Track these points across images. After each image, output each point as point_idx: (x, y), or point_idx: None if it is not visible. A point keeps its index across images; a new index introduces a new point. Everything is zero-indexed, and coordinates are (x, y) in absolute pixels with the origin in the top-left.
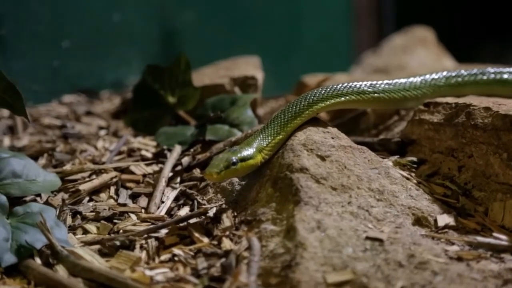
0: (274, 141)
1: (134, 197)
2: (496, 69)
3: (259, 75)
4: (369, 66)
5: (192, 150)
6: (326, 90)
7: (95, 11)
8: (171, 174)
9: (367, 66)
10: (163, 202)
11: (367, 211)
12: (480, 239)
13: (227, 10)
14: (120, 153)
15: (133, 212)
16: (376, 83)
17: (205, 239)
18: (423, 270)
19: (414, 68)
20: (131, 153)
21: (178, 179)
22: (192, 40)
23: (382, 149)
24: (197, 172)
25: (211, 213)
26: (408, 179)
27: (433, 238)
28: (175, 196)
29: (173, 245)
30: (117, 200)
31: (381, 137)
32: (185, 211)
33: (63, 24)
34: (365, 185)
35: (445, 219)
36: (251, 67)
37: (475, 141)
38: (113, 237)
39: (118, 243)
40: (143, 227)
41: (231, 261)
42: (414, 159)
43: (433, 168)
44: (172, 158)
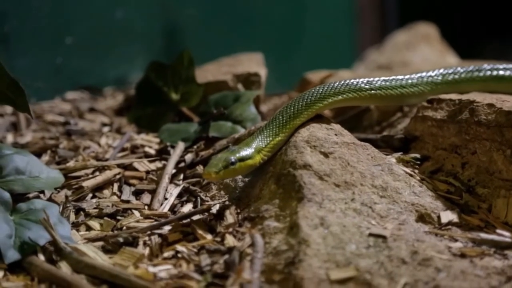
0: (273, 142)
1: (137, 193)
2: (492, 66)
3: (262, 72)
4: (373, 62)
5: (195, 147)
6: (323, 89)
7: (98, 8)
8: (174, 170)
9: (370, 62)
10: (166, 199)
11: (370, 207)
12: (483, 235)
13: (230, 6)
14: (123, 149)
15: (136, 208)
16: (373, 80)
17: (208, 236)
18: (426, 266)
19: (417, 64)
20: (134, 150)
21: (181, 176)
22: (195, 36)
23: (385, 145)
24: (200, 169)
25: (214, 210)
26: (411, 175)
27: (436, 234)
28: (178, 192)
29: (176, 241)
30: (120, 196)
31: (385, 133)
32: (188, 207)
33: (66, 21)
34: (368, 182)
35: (448, 216)
36: (254, 63)
37: (479, 138)
38: (116, 233)
39: (121, 240)
40: (146, 224)
41: (234, 258)
42: (417, 155)
43: (436, 164)
44: (175, 155)
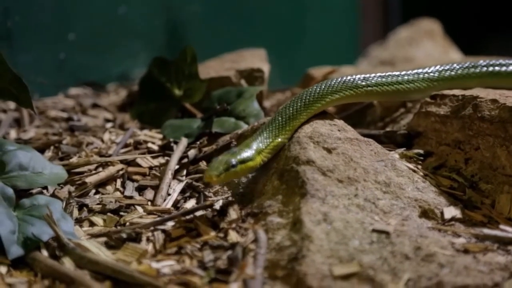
0: (273, 143)
1: (140, 189)
2: (488, 62)
3: (265, 68)
4: (375, 58)
5: (198, 142)
6: (321, 88)
7: (101, 4)
8: (177, 166)
9: (373, 58)
10: (169, 194)
11: (374, 203)
12: (486, 231)
13: (233, 2)
14: (126, 145)
15: (139, 204)
16: (369, 76)
17: (211, 231)
18: (429, 262)
19: (420, 60)
20: (137, 145)
21: (184, 172)
22: (198, 32)
23: (388, 141)
24: (203, 164)
25: (218, 206)
26: (414, 171)
27: (439, 230)
28: (182, 188)
29: (180, 237)
30: (123, 192)
31: (388, 129)
32: (191, 203)
33: (69, 17)
34: (371, 178)
35: (451, 212)
36: (257, 59)
37: (482, 133)
38: (119, 229)
39: (124, 236)
40: (149, 220)
41: (237, 254)
42: (420, 151)
43: (439, 160)
44: (178, 150)
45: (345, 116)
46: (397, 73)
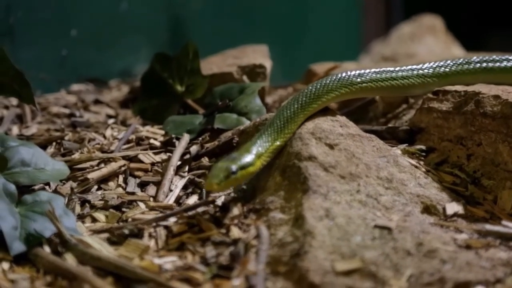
0: (272, 147)
1: (142, 185)
2: (481, 58)
3: (268, 64)
4: (378, 54)
5: (200, 138)
6: (316, 88)
7: (103, 0)
8: (179, 162)
9: (375, 54)
10: (171, 190)
11: (376, 199)
12: (489, 227)
13: None
14: (128, 141)
15: (141, 200)
16: (364, 72)
17: (213, 227)
18: (431, 258)
19: (422, 56)
20: (139, 141)
21: (186, 168)
22: (200, 28)
23: (390, 137)
24: (205, 160)
25: (220, 202)
26: (416, 167)
27: (441, 226)
28: (184, 184)
29: (182, 233)
30: (125, 188)
31: (390, 125)
32: (193, 199)
33: (71, 13)
34: (373, 174)
35: (453, 208)
36: (259, 55)
37: (484, 129)
38: (121, 225)
39: (126, 232)
40: (151, 216)
41: (239, 250)
42: (422, 147)
43: (442, 156)
44: (180, 146)
45: (347, 112)
46: (391, 69)
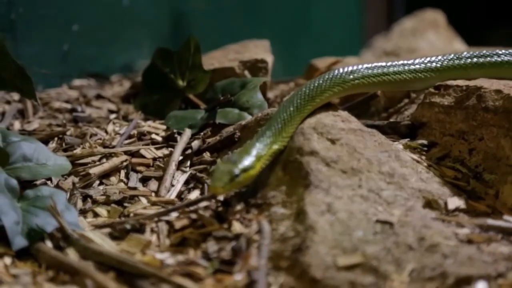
0: (271, 150)
1: (144, 180)
2: (472, 53)
3: (269, 59)
4: (380, 49)
5: (202, 133)
6: (310, 89)
7: None
8: (181, 157)
9: (377, 49)
10: (173, 185)
11: (377, 194)
12: (490, 221)
13: None
14: (130, 136)
15: (143, 195)
16: (356, 69)
17: (215, 222)
18: (433, 253)
19: (424, 51)
20: (141, 136)
21: (188, 163)
22: (201, 23)
23: (392, 132)
24: (207, 155)
25: (221, 197)
26: (418, 162)
27: (443, 221)
28: (185, 179)
29: (184, 228)
30: (127, 183)
31: (392, 120)
32: (195, 194)
33: (73, 8)
34: (375, 168)
35: (455, 202)
36: (261, 50)
37: (486, 124)
38: (123, 220)
39: (128, 227)
40: (153, 211)
41: (241, 245)
42: (424, 142)
43: (443, 151)
44: (182, 141)
45: (348, 106)
46: (383, 64)
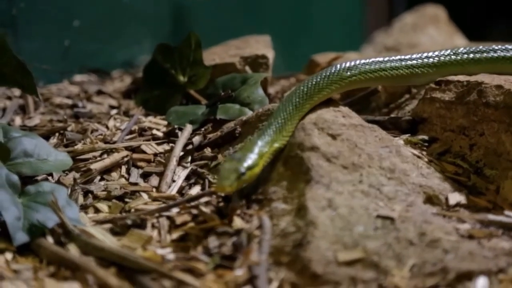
0: (272, 148)
1: (145, 176)
2: (468, 49)
3: (270, 54)
4: (380, 44)
5: (203, 129)
6: (308, 87)
7: None
8: (182, 153)
9: (378, 44)
10: (174, 181)
11: (378, 189)
12: (491, 217)
13: None
14: (131, 132)
15: (144, 191)
16: (354, 65)
17: (216, 218)
18: (434, 248)
19: (425, 46)
20: (142, 132)
21: (189, 158)
22: (202, 19)
23: (393, 127)
24: (208, 151)
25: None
26: (419, 157)
27: (444, 216)
28: (186, 175)
29: (184, 224)
30: (128, 179)
31: (392, 115)
32: (196, 190)
33: (74, 3)
34: (376, 164)
35: (456, 198)
36: (262, 46)
37: (487, 119)
38: (124, 216)
39: (129, 222)
40: (154, 206)
41: (242, 240)
42: (425, 137)
43: (444, 146)
44: (183, 137)
45: (349, 102)
46: (380, 59)
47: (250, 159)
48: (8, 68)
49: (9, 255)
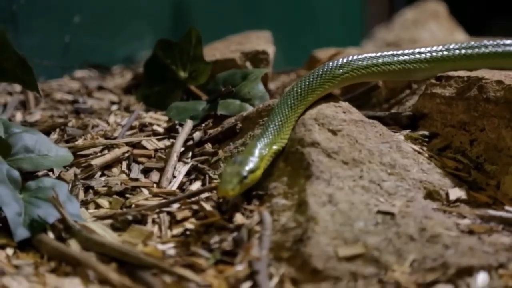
0: (271, 150)
1: (146, 172)
2: (459, 45)
3: (271, 50)
4: (381, 40)
5: (203, 125)
6: (301, 88)
7: None
8: (182, 149)
9: (378, 40)
10: (174, 176)
11: (379, 185)
12: (491, 212)
13: None
14: (131, 128)
15: (145, 186)
16: (345, 62)
17: (217, 213)
18: (434, 243)
19: (426, 41)
20: (142, 128)
21: (189, 154)
22: (203, 14)
23: (393, 123)
24: (208, 146)
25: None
26: (419, 153)
27: (444, 211)
28: (187, 170)
29: (185, 219)
30: (129, 175)
31: (393, 111)
32: (196, 185)
33: None
34: (376, 159)
35: (456, 193)
36: (262, 41)
37: (487, 115)
38: (125, 211)
39: (130, 218)
40: (155, 202)
41: (242, 235)
42: (425, 133)
43: (444, 142)
44: (183, 133)
45: (350, 97)
46: (372, 55)
47: (251, 162)
48: (8, 63)
49: (10, 251)
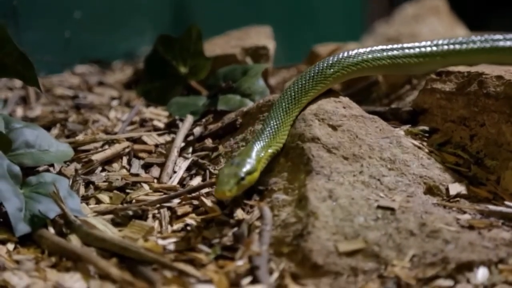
0: (267, 153)
1: (146, 167)
2: (449, 40)
3: (271, 45)
4: (381, 35)
5: (204, 120)
6: (295, 91)
7: None
8: (183, 144)
9: (379, 35)
10: (175, 172)
11: (379, 180)
12: (491, 207)
13: None
14: (132, 123)
15: (145, 182)
16: (336, 60)
17: (217, 209)
18: (434, 238)
19: (426, 37)
20: (143, 123)
21: (190, 149)
22: (203, 10)
23: (393, 118)
24: (209, 142)
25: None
26: (419, 148)
27: (444, 207)
28: (187, 166)
29: (186, 214)
30: (129, 170)
31: (393, 106)
32: (197, 181)
33: None
34: (376, 155)
35: (456, 188)
36: (262, 37)
37: (487, 110)
38: (125, 207)
39: (130, 213)
40: (155, 197)
41: (243, 231)
42: (426, 128)
43: (445, 137)
44: (184, 128)
45: (350, 93)
46: (361, 51)
47: (248, 164)
48: (9, 59)
49: (10, 246)
